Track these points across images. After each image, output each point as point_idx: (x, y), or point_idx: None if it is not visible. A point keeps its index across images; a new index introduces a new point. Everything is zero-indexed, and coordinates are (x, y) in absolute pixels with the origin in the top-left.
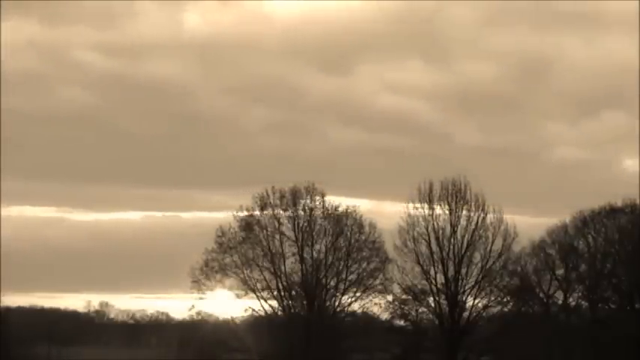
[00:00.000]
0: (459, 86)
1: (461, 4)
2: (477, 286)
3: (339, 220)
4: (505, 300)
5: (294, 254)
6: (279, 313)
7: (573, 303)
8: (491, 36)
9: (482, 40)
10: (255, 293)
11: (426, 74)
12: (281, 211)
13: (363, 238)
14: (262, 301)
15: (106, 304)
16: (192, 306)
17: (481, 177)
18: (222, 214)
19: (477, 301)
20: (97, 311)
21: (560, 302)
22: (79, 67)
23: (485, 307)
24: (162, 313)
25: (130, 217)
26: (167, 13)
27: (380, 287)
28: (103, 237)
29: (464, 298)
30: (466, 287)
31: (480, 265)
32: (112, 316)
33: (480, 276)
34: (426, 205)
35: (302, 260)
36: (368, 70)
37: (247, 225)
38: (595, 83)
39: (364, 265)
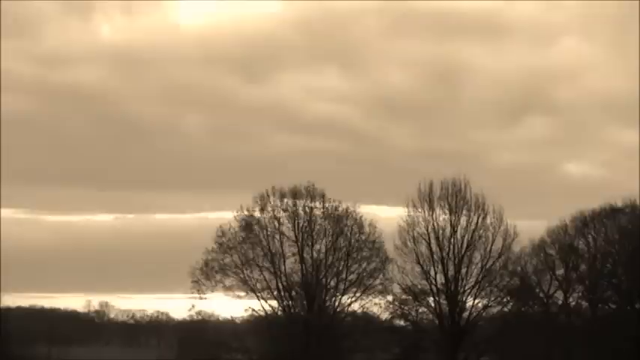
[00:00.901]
0: (380, 93)
1: (369, 13)
2: (477, 286)
3: (339, 220)
4: (505, 300)
5: (294, 254)
6: (279, 313)
7: (573, 303)
8: (402, 45)
9: (394, 49)
10: (255, 293)
11: (346, 81)
12: (281, 211)
13: (363, 238)
14: (262, 301)
15: (106, 304)
16: (193, 306)
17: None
18: (189, 215)
19: (477, 301)
20: (97, 311)
21: (560, 302)
22: (7, 75)
23: (486, 307)
24: (163, 313)
25: (101, 219)
26: (77, 21)
27: (380, 287)
28: (77, 238)
29: (464, 298)
30: (466, 287)
31: (480, 265)
32: (112, 316)
33: (480, 276)
34: (426, 205)
35: (302, 260)
36: (288, 78)
37: (247, 225)
38: (509, 90)
39: (364, 265)
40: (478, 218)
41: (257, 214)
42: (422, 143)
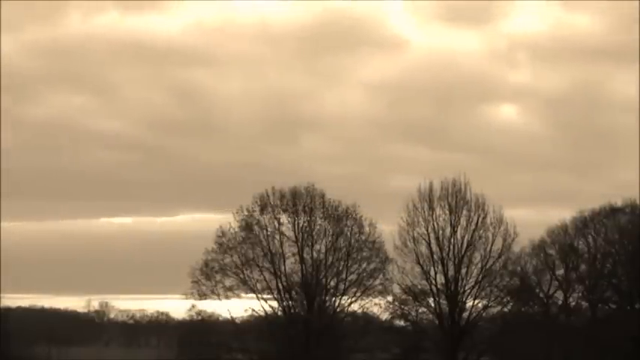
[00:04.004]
0: (148, 112)
1: (90, 41)
2: (477, 287)
3: (339, 220)
4: (505, 300)
5: (294, 254)
6: (279, 313)
7: (573, 303)
8: (139, 70)
9: (133, 74)
10: (255, 293)
11: (107, 102)
12: (281, 211)
13: (363, 238)
14: (262, 301)
15: (106, 304)
16: (193, 306)
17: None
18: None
19: (477, 301)
20: (97, 311)
21: (560, 302)
22: None
23: (486, 307)
24: (162, 313)
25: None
26: None
27: (380, 287)
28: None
29: (464, 299)
30: (466, 287)
31: (480, 265)
32: (112, 316)
33: (480, 276)
34: (426, 205)
35: (302, 260)
36: (56, 99)
37: (247, 225)
38: (263, 110)
39: (364, 265)
40: (478, 218)
41: (257, 214)
42: (220, 156)
